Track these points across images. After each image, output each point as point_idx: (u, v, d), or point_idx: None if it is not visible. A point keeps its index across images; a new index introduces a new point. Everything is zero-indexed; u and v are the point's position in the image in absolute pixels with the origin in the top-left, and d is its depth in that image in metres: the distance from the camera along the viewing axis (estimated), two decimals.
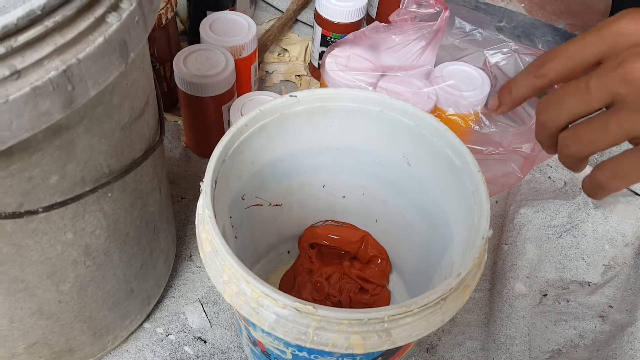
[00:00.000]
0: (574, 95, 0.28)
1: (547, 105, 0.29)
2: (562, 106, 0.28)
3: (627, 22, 0.27)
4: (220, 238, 0.31)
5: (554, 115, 0.29)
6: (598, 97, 0.27)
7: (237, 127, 0.37)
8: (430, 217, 0.42)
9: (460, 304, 0.32)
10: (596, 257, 0.53)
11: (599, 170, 0.28)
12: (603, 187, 0.28)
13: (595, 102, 0.27)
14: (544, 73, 0.30)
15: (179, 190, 0.57)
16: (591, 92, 0.27)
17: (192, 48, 0.53)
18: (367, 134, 0.42)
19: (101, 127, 0.31)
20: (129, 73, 0.32)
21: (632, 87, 0.25)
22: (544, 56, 0.30)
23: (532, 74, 0.30)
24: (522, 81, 0.31)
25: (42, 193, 0.30)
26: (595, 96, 0.27)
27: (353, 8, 0.58)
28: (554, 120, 0.29)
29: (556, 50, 0.29)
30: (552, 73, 0.29)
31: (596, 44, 0.27)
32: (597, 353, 0.47)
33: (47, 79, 0.24)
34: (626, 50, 0.26)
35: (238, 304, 0.31)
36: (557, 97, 0.28)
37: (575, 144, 0.28)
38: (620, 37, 0.27)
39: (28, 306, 0.35)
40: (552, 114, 0.29)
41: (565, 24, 0.78)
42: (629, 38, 0.26)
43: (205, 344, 0.47)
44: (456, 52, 0.56)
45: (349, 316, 0.29)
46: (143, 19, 0.29)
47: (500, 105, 0.32)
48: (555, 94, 0.29)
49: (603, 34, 0.27)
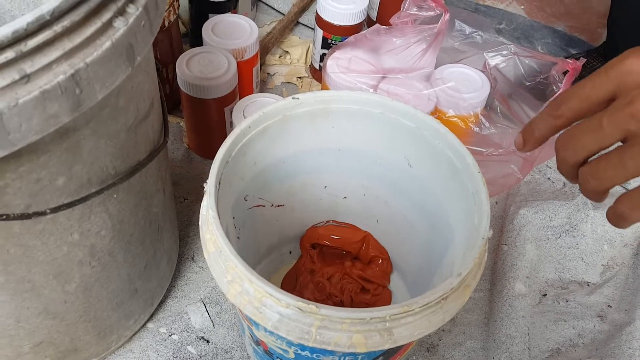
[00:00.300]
0: (589, 132, 0.29)
1: (565, 143, 0.31)
2: (579, 143, 0.30)
3: (633, 60, 0.28)
4: (224, 238, 0.32)
5: (572, 152, 0.31)
6: (611, 134, 0.29)
7: (240, 129, 0.38)
8: (431, 217, 0.42)
9: (461, 304, 0.33)
10: (595, 258, 0.54)
11: (620, 202, 0.30)
12: (625, 218, 0.30)
13: (608, 139, 0.29)
14: (561, 114, 0.31)
15: (181, 191, 0.57)
16: (604, 130, 0.29)
17: (195, 51, 0.54)
18: (368, 136, 0.42)
19: (107, 130, 0.32)
20: (135, 76, 0.32)
21: None
22: (559, 97, 0.32)
23: (550, 116, 0.32)
24: (541, 122, 0.33)
25: (49, 194, 0.30)
26: (608, 133, 0.29)
27: (354, 11, 0.59)
28: (572, 156, 0.31)
29: (571, 91, 0.31)
30: (569, 113, 0.31)
31: (606, 84, 0.29)
32: (595, 352, 0.48)
33: (55, 83, 0.25)
34: (635, 90, 0.28)
35: (242, 304, 0.31)
36: (573, 135, 0.30)
37: (595, 179, 0.30)
38: (627, 76, 0.28)
39: (34, 306, 0.36)
40: (570, 151, 0.31)
41: (565, 26, 0.78)
42: (635, 76, 0.28)
43: (208, 344, 0.47)
44: (456, 55, 0.56)
45: (352, 315, 0.29)
46: (149, 23, 0.29)
47: (525, 145, 0.34)
48: (572, 131, 0.31)
49: (611, 74, 0.29)
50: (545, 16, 0.79)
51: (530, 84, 0.53)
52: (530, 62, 0.53)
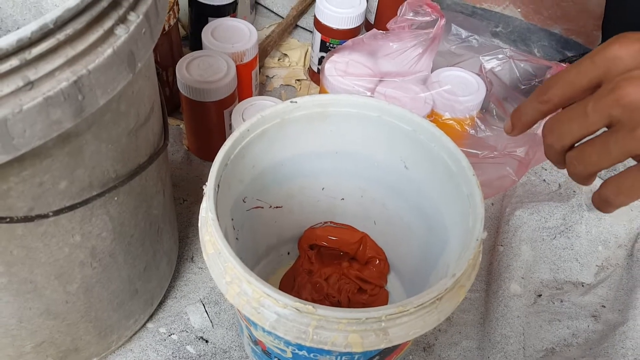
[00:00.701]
0: (574, 118, 0.30)
1: (551, 128, 0.31)
2: (564, 129, 0.30)
3: (618, 47, 0.29)
4: (223, 240, 0.32)
5: (558, 137, 0.31)
6: (596, 120, 0.29)
7: (239, 132, 0.38)
8: (428, 219, 0.43)
9: (456, 304, 0.33)
10: (590, 258, 0.54)
11: (605, 187, 0.30)
12: (610, 203, 0.30)
13: (594, 125, 0.29)
14: (547, 99, 0.32)
15: (181, 192, 0.58)
16: (589, 116, 0.29)
17: (195, 54, 0.55)
18: (365, 139, 0.43)
19: (109, 134, 0.32)
20: (136, 82, 0.33)
21: (626, 110, 0.27)
22: (547, 83, 0.32)
23: (537, 101, 0.32)
24: (529, 107, 0.33)
25: (51, 197, 0.31)
26: (593, 119, 0.29)
27: (352, 15, 0.60)
28: (558, 142, 0.31)
29: (557, 77, 0.31)
30: (555, 98, 0.32)
31: (592, 70, 0.30)
32: (589, 352, 0.48)
33: (58, 90, 0.25)
34: (619, 76, 0.28)
35: (240, 304, 0.32)
36: (559, 121, 0.31)
37: (581, 164, 0.30)
38: (612, 62, 0.29)
39: (36, 306, 0.36)
40: (556, 136, 0.31)
41: (561, 29, 0.79)
42: (620, 62, 0.28)
43: (207, 344, 0.48)
44: (452, 58, 0.57)
45: (348, 315, 0.30)
46: (150, 30, 0.30)
47: (513, 129, 0.35)
48: (558, 117, 0.31)
49: (597, 60, 0.29)
50: (541, 19, 0.79)
51: (526, 87, 0.54)
52: (526, 65, 0.54)
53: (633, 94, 0.27)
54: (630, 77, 0.27)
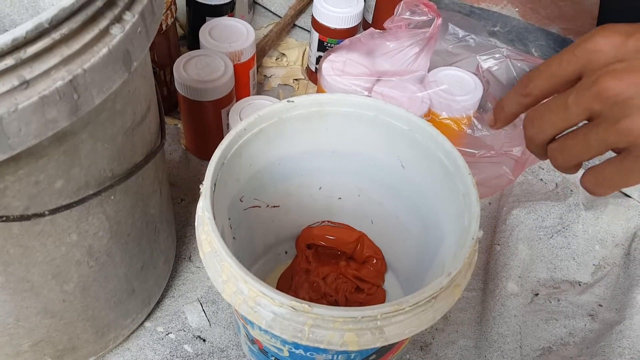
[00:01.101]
0: (555, 111, 0.30)
1: (532, 121, 0.31)
2: (545, 122, 0.30)
3: (599, 39, 0.28)
4: (220, 239, 0.32)
5: (538, 130, 0.31)
6: (577, 113, 0.29)
7: (236, 131, 0.38)
8: (424, 218, 0.43)
9: (451, 303, 0.33)
10: (586, 257, 0.54)
11: (585, 178, 0.30)
12: (592, 193, 0.30)
13: (574, 118, 0.29)
14: (529, 92, 0.32)
15: (178, 192, 0.58)
16: (570, 109, 0.29)
17: (192, 54, 0.55)
18: (362, 138, 0.43)
19: (104, 133, 0.32)
20: (131, 81, 0.33)
21: (606, 104, 0.27)
22: (528, 75, 0.32)
23: (519, 93, 0.32)
24: (511, 100, 0.33)
25: (48, 196, 0.31)
26: (574, 112, 0.29)
27: (349, 14, 0.60)
28: (539, 134, 0.31)
29: (538, 70, 0.31)
30: (536, 91, 0.31)
31: (573, 63, 0.29)
32: (586, 350, 0.48)
33: (54, 89, 0.25)
34: (600, 69, 0.28)
35: (236, 303, 0.32)
36: (540, 113, 0.31)
37: (562, 156, 0.30)
38: (594, 55, 0.28)
39: (33, 305, 0.36)
40: (537, 129, 0.31)
41: (559, 28, 0.79)
42: (601, 55, 0.28)
43: (204, 343, 0.48)
44: (449, 58, 0.57)
45: (343, 314, 0.30)
46: (145, 30, 0.30)
47: (496, 122, 0.35)
48: (539, 110, 0.31)
49: (577, 53, 0.29)
50: (539, 18, 0.79)
51: None
52: (522, 65, 0.54)
53: (614, 87, 0.27)
54: (612, 71, 0.27)
